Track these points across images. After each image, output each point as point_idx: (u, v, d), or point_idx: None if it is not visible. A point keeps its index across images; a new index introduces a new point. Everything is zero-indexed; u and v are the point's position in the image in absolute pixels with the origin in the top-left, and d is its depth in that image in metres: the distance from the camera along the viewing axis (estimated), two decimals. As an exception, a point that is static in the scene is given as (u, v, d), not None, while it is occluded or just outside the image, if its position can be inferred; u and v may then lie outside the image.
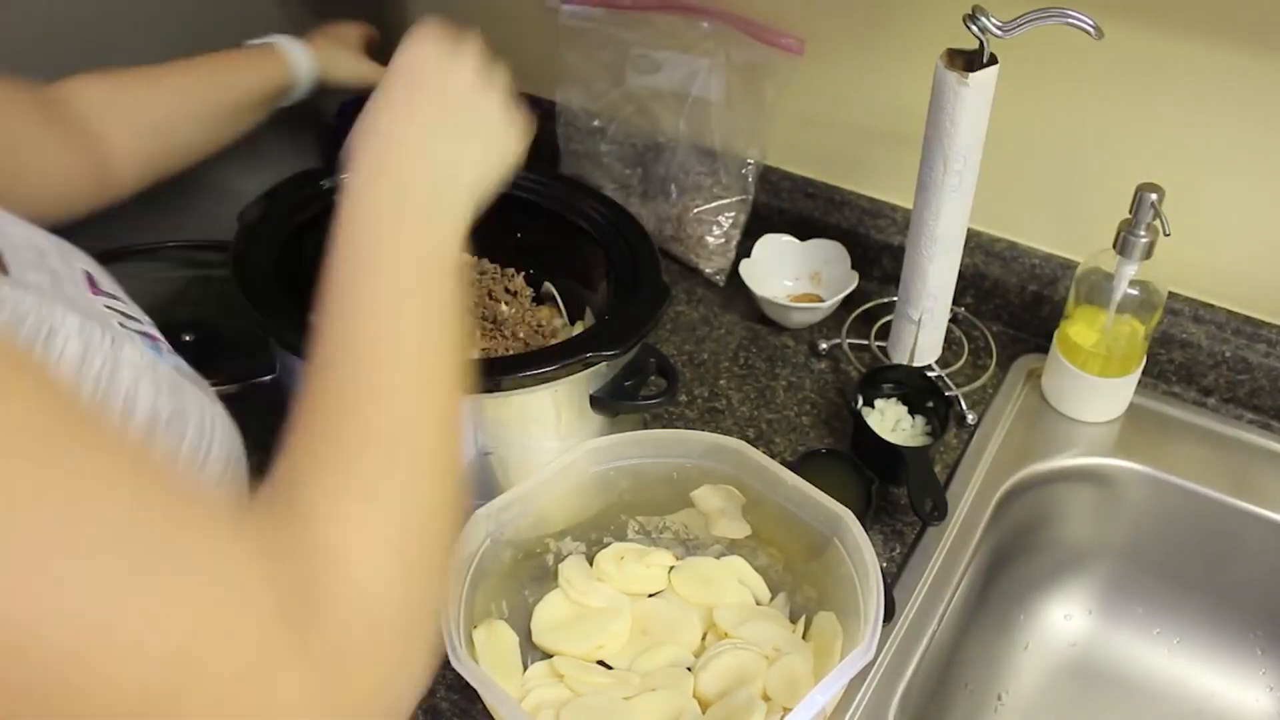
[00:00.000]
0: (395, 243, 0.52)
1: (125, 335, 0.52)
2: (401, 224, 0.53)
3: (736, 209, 1.07)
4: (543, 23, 1.11)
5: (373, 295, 0.50)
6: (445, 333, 0.51)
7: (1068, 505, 0.93)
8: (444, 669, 0.75)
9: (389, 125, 0.56)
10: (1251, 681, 0.94)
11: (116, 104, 0.82)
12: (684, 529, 0.80)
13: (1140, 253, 0.82)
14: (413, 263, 0.52)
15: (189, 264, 1.03)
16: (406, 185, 0.54)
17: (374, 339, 0.49)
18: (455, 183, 0.56)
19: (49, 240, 0.58)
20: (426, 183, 0.55)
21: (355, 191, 0.54)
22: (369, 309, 0.50)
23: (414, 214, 0.53)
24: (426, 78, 0.58)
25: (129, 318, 0.57)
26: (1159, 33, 0.84)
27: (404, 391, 0.47)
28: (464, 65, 0.60)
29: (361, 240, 0.53)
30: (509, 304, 0.90)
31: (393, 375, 0.47)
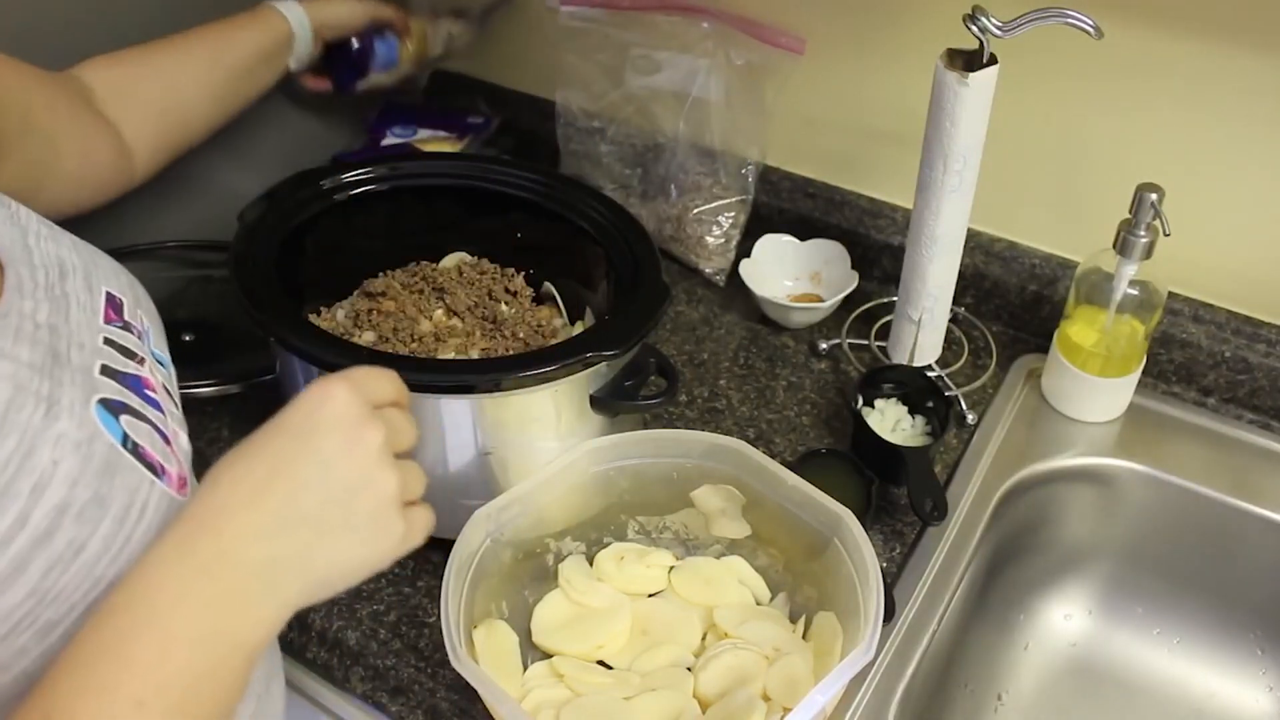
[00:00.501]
0: (171, 625, 0.45)
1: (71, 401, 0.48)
2: (191, 603, 0.45)
3: (736, 209, 1.07)
4: (542, 23, 1.11)
5: (115, 684, 0.44)
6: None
7: (1068, 505, 0.93)
8: (444, 669, 0.75)
9: (245, 481, 0.48)
10: (1251, 681, 0.94)
11: (127, 88, 0.82)
12: (684, 529, 0.80)
13: (1140, 253, 0.82)
14: (199, 651, 0.45)
15: (189, 264, 1.04)
16: (229, 563, 0.46)
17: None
18: (297, 574, 0.48)
19: (82, 257, 0.56)
20: (256, 568, 0.47)
21: (167, 543, 0.47)
22: (107, 696, 0.44)
23: (224, 596, 0.46)
24: (315, 444, 0.48)
25: (129, 355, 0.55)
26: (1159, 33, 0.84)
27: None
28: (366, 445, 0.49)
29: (147, 603, 0.45)
30: (509, 304, 0.90)
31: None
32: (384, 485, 0.49)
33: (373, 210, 0.89)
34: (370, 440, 0.49)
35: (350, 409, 0.49)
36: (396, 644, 0.77)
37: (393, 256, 0.92)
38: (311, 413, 0.49)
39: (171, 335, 0.64)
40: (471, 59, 1.23)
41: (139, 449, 0.51)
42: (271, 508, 0.47)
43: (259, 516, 0.47)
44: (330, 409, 0.49)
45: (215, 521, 0.47)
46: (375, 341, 0.84)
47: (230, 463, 0.49)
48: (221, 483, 0.48)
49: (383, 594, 0.80)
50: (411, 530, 0.51)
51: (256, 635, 0.48)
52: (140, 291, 0.61)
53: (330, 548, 0.49)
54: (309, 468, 0.48)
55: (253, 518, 0.47)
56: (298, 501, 0.48)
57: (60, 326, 0.51)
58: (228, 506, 0.47)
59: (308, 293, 0.88)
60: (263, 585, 0.47)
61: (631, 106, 1.08)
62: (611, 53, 1.06)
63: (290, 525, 0.47)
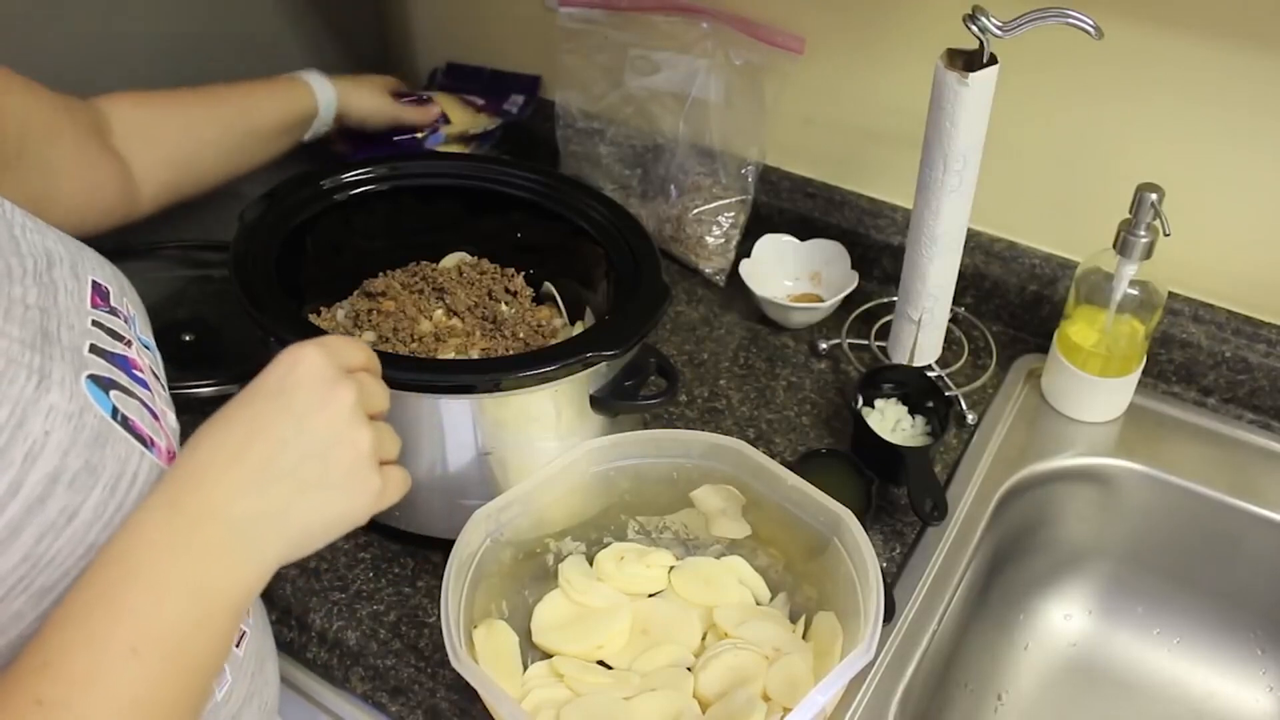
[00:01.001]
0: (163, 574, 0.47)
1: (62, 375, 0.50)
2: (181, 556, 0.48)
3: (736, 209, 1.07)
4: (542, 24, 1.12)
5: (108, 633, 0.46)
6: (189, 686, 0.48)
7: (1068, 505, 0.93)
8: (444, 669, 0.75)
9: (225, 444, 0.50)
10: (1251, 681, 0.94)
11: (147, 129, 0.83)
12: (684, 529, 0.80)
13: (1140, 253, 0.82)
14: (188, 600, 0.47)
15: (189, 264, 1.04)
16: (214, 517, 0.49)
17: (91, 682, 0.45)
18: (277, 529, 0.50)
19: (68, 249, 0.57)
20: (238, 524, 0.49)
21: (155, 501, 0.49)
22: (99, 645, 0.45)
23: (211, 550, 0.48)
24: (289, 403, 0.51)
25: (116, 338, 0.56)
26: (1159, 33, 0.84)
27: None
28: (339, 403, 0.51)
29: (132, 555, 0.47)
30: (509, 304, 0.90)
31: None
32: (358, 441, 0.52)
33: (373, 210, 0.89)
34: (343, 398, 0.51)
35: (322, 369, 0.52)
36: (396, 644, 0.77)
37: (393, 256, 0.92)
38: (284, 375, 0.51)
39: (171, 335, 0.64)
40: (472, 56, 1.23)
41: (129, 421, 0.53)
42: (252, 466, 0.49)
43: (240, 475, 0.49)
44: (303, 370, 0.51)
45: (200, 480, 0.49)
46: (375, 341, 0.84)
47: (210, 427, 0.51)
48: (202, 446, 0.50)
49: (383, 594, 0.80)
50: (387, 487, 0.53)
51: (240, 590, 0.50)
52: (125, 283, 0.62)
53: (309, 503, 0.51)
54: (285, 426, 0.50)
55: (235, 476, 0.49)
56: (276, 459, 0.50)
57: (50, 309, 0.52)
58: (211, 466, 0.50)
59: (308, 293, 0.88)
60: (244, 540, 0.49)
61: (631, 107, 1.08)
62: (611, 54, 1.06)
63: (270, 482, 0.50)
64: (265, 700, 0.67)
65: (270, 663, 0.69)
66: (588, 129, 1.11)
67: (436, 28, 1.25)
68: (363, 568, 0.82)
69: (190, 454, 0.50)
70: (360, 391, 0.53)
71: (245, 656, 0.63)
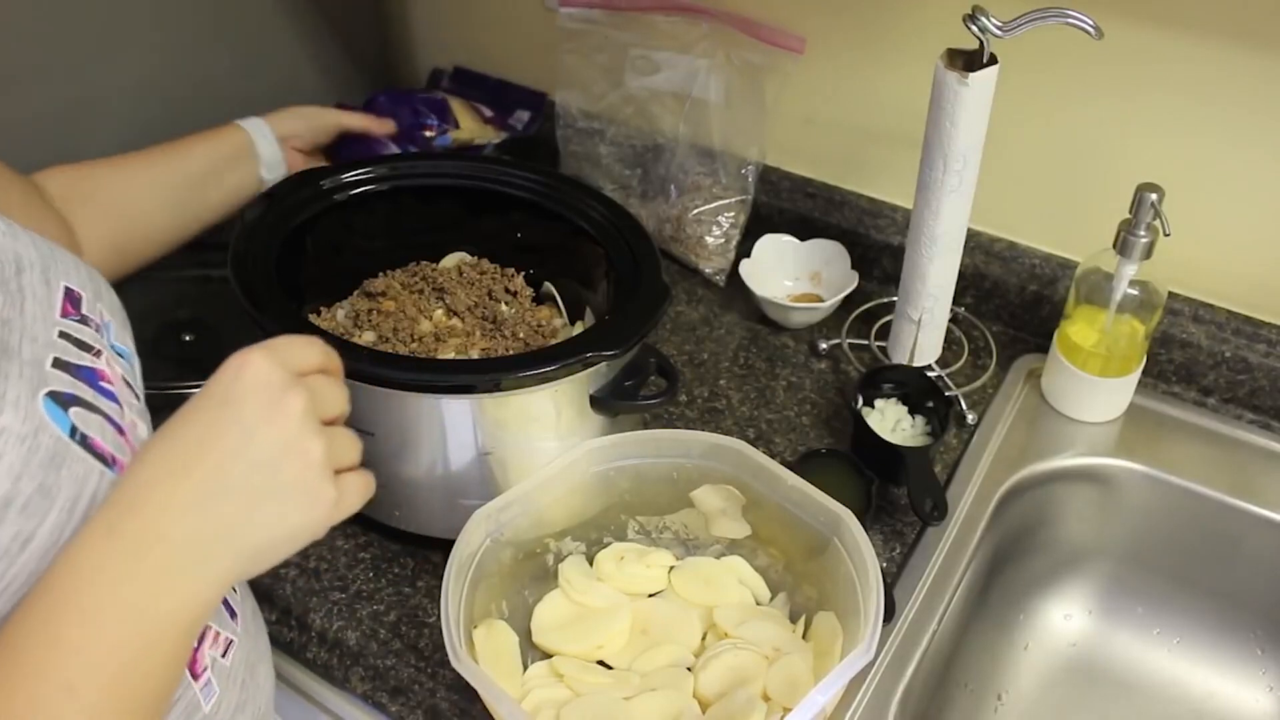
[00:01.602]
0: (101, 604, 0.45)
1: (17, 395, 0.48)
2: (122, 583, 0.46)
3: (736, 209, 1.07)
4: (542, 24, 1.12)
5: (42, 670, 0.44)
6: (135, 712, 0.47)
7: (1068, 505, 0.93)
8: (444, 669, 0.75)
9: (167, 461, 0.48)
10: (1251, 681, 0.94)
11: (80, 190, 0.81)
12: (684, 529, 0.80)
13: (1140, 253, 0.82)
14: (129, 629, 0.46)
15: (189, 264, 1.03)
16: (157, 539, 0.47)
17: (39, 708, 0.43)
18: (227, 546, 0.48)
19: (40, 253, 0.56)
20: (185, 544, 0.47)
21: (95, 524, 0.47)
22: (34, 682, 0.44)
23: (153, 574, 0.46)
24: (235, 414, 0.48)
25: (84, 348, 0.55)
26: (1160, 33, 0.84)
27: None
28: (288, 412, 0.49)
29: (69, 584, 0.46)
30: (509, 304, 0.90)
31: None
32: (310, 450, 0.49)
33: (373, 210, 0.89)
34: (291, 406, 0.49)
35: (269, 376, 0.49)
36: (396, 644, 0.77)
37: (393, 256, 0.92)
38: (230, 384, 0.49)
39: (172, 335, 0.64)
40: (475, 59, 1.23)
41: (89, 440, 0.51)
42: (196, 481, 0.47)
43: (183, 491, 0.47)
44: (249, 377, 0.49)
45: (140, 500, 0.47)
46: (375, 341, 0.84)
47: (153, 443, 0.49)
48: (146, 461, 0.48)
49: (383, 594, 0.80)
50: (344, 496, 0.51)
51: (190, 611, 0.48)
52: (102, 285, 0.61)
53: (261, 518, 0.49)
54: (231, 438, 0.48)
55: (177, 493, 0.47)
56: (223, 475, 0.48)
57: (14, 320, 0.51)
58: (152, 483, 0.47)
59: (308, 293, 0.88)
60: (192, 560, 0.47)
61: (631, 107, 1.08)
62: (611, 54, 1.06)
63: (216, 498, 0.47)
64: (259, 706, 0.66)
65: (263, 666, 0.68)
66: (588, 129, 1.11)
67: (436, 28, 1.25)
68: (363, 568, 0.82)
69: (132, 474, 0.48)
70: (312, 397, 0.50)
71: (234, 665, 0.62)
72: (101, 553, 0.46)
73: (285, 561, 0.81)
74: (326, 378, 0.53)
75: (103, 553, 0.46)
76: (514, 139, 1.17)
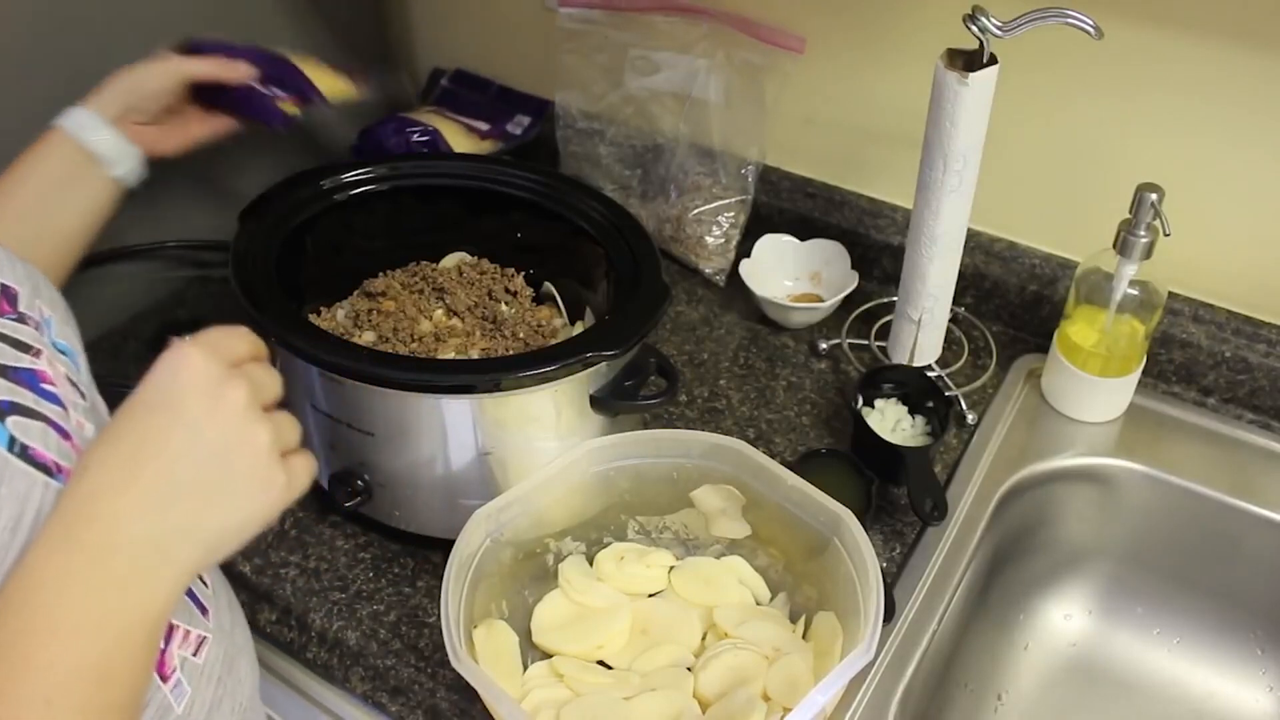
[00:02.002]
0: (69, 617, 0.45)
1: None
2: (87, 594, 0.46)
3: (736, 209, 1.07)
4: (542, 24, 1.12)
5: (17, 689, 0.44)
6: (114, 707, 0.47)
7: (1068, 505, 0.93)
8: (444, 669, 0.75)
9: (115, 465, 0.47)
10: (1251, 681, 0.94)
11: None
12: (684, 529, 0.80)
13: (1140, 253, 0.82)
14: (100, 637, 0.46)
15: (189, 264, 1.04)
16: (116, 546, 0.46)
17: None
18: (185, 541, 0.49)
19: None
20: (145, 544, 0.47)
21: (49, 538, 0.46)
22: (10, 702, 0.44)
23: (119, 580, 0.46)
24: (179, 413, 0.48)
25: (22, 349, 0.54)
26: (1160, 33, 0.84)
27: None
28: (231, 404, 0.49)
29: (37, 601, 0.45)
30: (509, 304, 0.90)
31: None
32: (256, 439, 0.49)
33: (373, 210, 0.89)
34: (234, 398, 0.49)
35: (207, 370, 0.49)
36: (396, 644, 0.77)
37: (393, 256, 0.92)
38: (169, 383, 0.48)
39: (172, 335, 0.63)
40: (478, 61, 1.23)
41: (29, 451, 0.50)
42: (149, 485, 0.47)
43: (139, 496, 0.47)
44: (187, 375, 0.48)
45: (95, 509, 0.47)
46: (375, 341, 0.84)
47: (98, 446, 0.48)
48: (90, 468, 0.48)
49: (383, 594, 0.80)
50: (293, 479, 0.51)
51: (156, 608, 0.48)
52: (40, 280, 0.59)
53: (215, 510, 0.49)
54: (177, 437, 0.48)
55: (133, 498, 0.47)
56: (175, 474, 0.48)
57: None
58: (105, 491, 0.47)
59: (308, 293, 0.88)
60: (154, 561, 0.47)
61: (631, 107, 1.08)
62: (611, 54, 1.06)
63: (170, 498, 0.48)
64: (239, 701, 0.65)
65: (243, 660, 0.67)
66: (588, 129, 1.11)
67: (436, 27, 1.25)
68: (363, 568, 0.82)
69: (80, 481, 0.47)
70: (251, 386, 0.50)
71: (207, 663, 0.61)
72: (62, 567, 0.46)
73: (285, 561, 0.82)
74: (260, 364, 0.53)
75: (64, 567, 0.46)
76: (514, 145, 1.17)
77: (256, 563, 0.82)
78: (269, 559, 0.82)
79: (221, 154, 0.98)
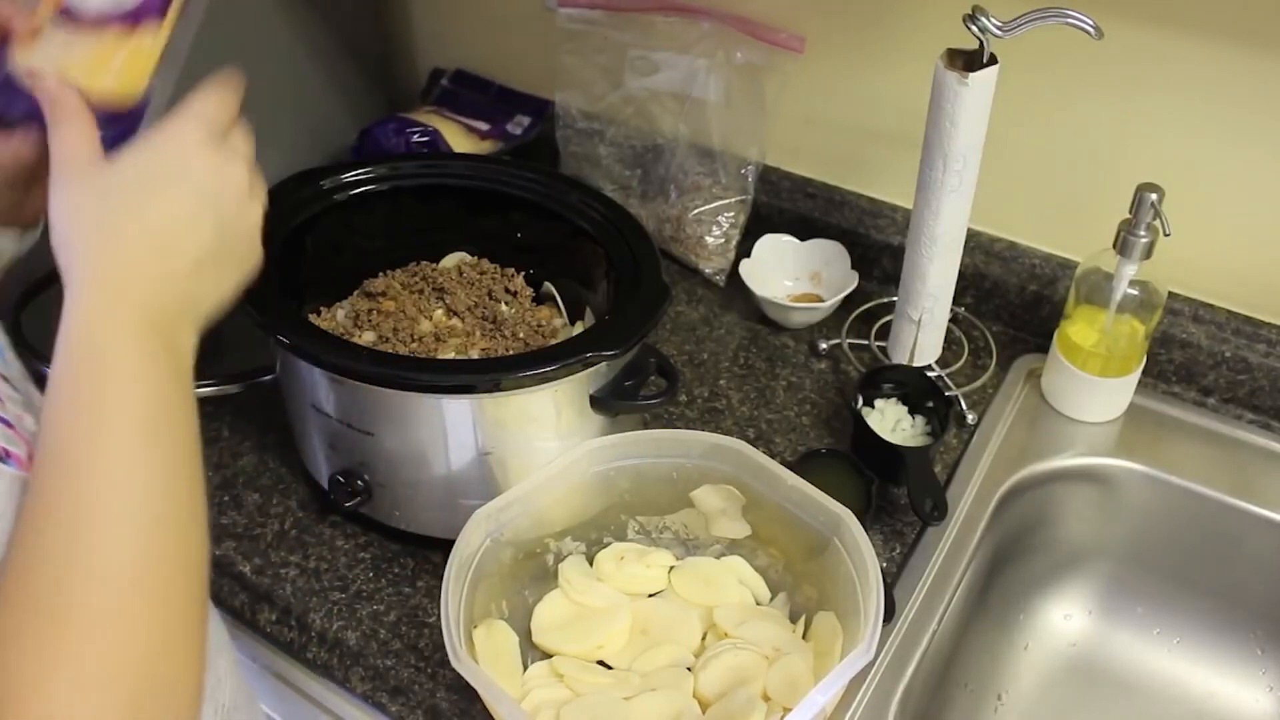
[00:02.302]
0: (131, 382, 0.47)
1: None
2: (141, 361, 0.47)
3: (736, 209, 1.07)
4: (542, 24, 1.12)
5: (95, 450, 0.45)
6: (183, 484, 0.47)
7: (1068, 505, 0.93)
8: (444, 669, 0.75)
9: (135, 235, 0.49)
10: (1251, 681, 0.94)
11: None
12: (684, 529, 0.80)
13: (1140, 253, 0.82)
14: (151, 405, 0.47)
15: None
16: (153, 314, 0.48)
17: (94, 505, 0.44)
18: (197, 308, 0.52)
19: None
20: (173, 311, 0.50)
21: (87, 310, 0.47)
22: (89, 466, 0.44)
23: (153, 345, 0.48)
24: (195, 189, 0.51)
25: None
26: (1160, 33, 0.84)
27: (123, 567, 0.43)
28: (235, 182, 0.54)
29: (88, 376, 0.46)
30: (509, 304, 0.90)
31: (113, 551, 0.43)
32: (255, 216, 0.56)
33: (373, 210, 0.89)
34: (238, 176, 0.54)
35: (208, 133, 0.52)
36: (396, 644, 0.77)
37: (393, 256, 0.92)
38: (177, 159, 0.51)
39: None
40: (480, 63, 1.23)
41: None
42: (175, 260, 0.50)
43: (161, 270, 0.50)
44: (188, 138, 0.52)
45: (125, 290, 0.48)
46: (375, 341, 0.84)
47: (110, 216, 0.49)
48: (110, 247, 0.49)
49: (383, 594, 0.80)
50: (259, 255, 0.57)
51: (191, 349, 0.52)
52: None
53: (229, 270, 0.54)
54: (200, 210, 0.51)
55: (156, 271, 0.50)
56: (200, 241, 0.51)
57: None
58: (131, 271, 0.49)
59: (308, 293, 0.88)
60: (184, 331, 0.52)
61: (631, 107, 1.08)
62: (610, 54, 1.06)
63: (202, 270, 0.51)
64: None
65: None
66: (588, 129, 1.11)
67: (436, 27, 1.25)
68: (363, 568, 0.82)
69: (112, 232, 0.49)
70: (248, 161, 0.54)
71: None
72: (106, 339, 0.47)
73: (285, 561, 0.82)
74: (239, 128, 0.56)
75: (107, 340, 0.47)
76: (514, 145, 1.17)
77: (256, 563, 0.82)
78: (269, 559, 0.82)
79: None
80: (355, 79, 1.23)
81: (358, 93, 1.21)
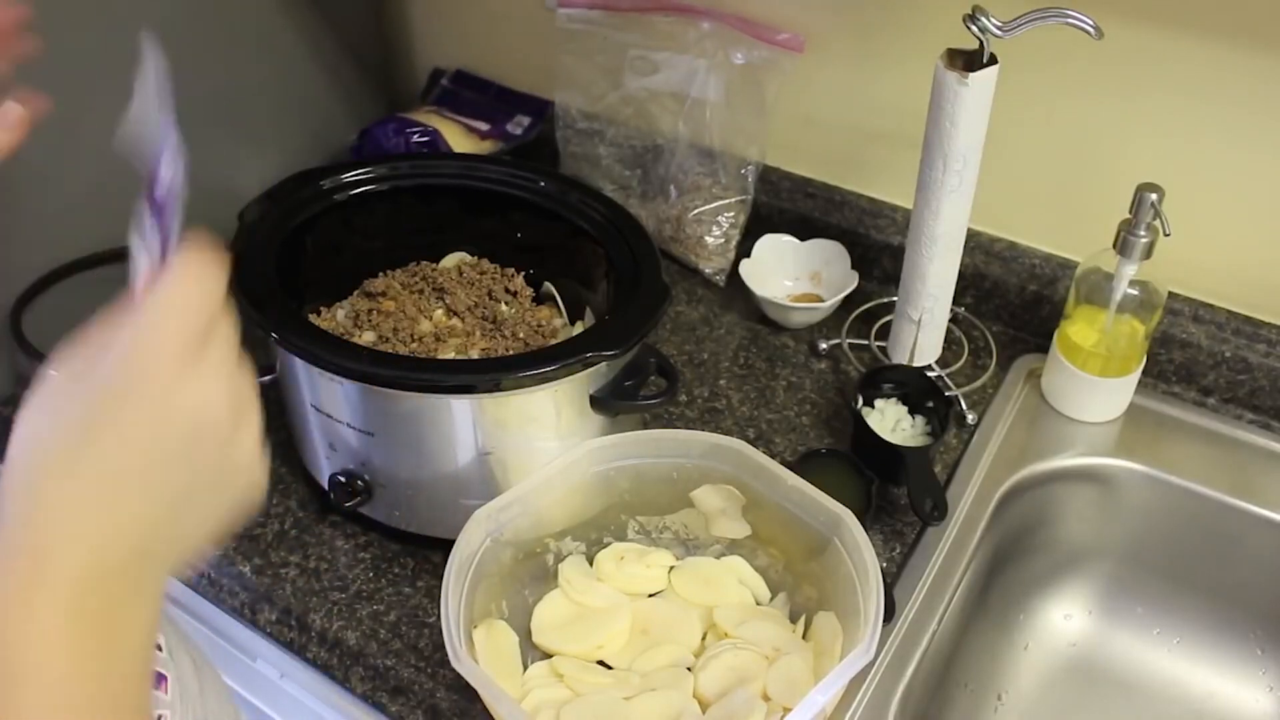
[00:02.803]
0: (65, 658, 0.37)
1: None
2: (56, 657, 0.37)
3: (736, 209, 1.07)
4: (542, 24, 1.12)
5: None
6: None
7: (1068, 505, 0.93)
8: (444, 669, 0.75)
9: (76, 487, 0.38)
10: (1251, 681, 0.94)
11: None
12: (684, 529, 0.80)
13: (1140, 253, 0.82)
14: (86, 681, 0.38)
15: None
16: (95, 578, 0.38)
17: None
18: (170, 551, 0.41)
19: None
20: (129, 566, 0.39)
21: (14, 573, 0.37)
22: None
23: (80, 631, 0.38)
24: (149, 406, 0.39)
25: None
26: (1160, 32, 0.84)
27: None
28: (214, 388, 0.41)
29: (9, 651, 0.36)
30: (509, 304, 0.90)
31: None
32: (254, 426, 0.43)
33: (373, 210, 0.89)
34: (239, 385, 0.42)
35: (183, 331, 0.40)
36: (396, 644, 0.77)
37: (393, 256, 0.92)
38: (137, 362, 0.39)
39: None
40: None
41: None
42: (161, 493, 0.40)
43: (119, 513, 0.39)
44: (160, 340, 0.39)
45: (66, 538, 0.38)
46: (375, 341, 0.84)
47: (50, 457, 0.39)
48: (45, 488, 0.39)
49: (383, 594, 0.80)
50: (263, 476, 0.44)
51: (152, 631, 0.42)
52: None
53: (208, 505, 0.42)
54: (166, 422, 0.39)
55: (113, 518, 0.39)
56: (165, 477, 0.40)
57: None
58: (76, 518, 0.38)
59: (308, 293, 0.88)
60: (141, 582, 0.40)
61: (631, 108, 1.08)
62: (610, 54, 1.06)
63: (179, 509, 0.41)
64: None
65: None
66: (588, 129, 1.11)
67: (436, 27, 1.25)
68: (363, 568, 0.82)
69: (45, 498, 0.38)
70: (244, 372, 0.42)
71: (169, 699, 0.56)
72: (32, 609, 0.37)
73: (285, 561, 0.82)
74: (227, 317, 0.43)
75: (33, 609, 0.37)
76: (514, 145, 1.17)
77: (256, 563, 0.82)
78: (269, 559, 0.82)
79: (222, 154, 0.98)
80: (355, 79, 1.23)
81: (358, 93, 1.21)
